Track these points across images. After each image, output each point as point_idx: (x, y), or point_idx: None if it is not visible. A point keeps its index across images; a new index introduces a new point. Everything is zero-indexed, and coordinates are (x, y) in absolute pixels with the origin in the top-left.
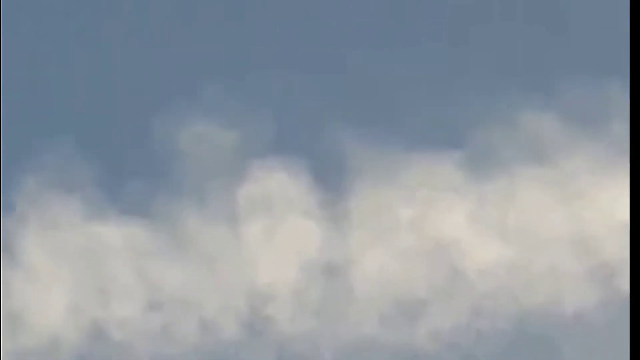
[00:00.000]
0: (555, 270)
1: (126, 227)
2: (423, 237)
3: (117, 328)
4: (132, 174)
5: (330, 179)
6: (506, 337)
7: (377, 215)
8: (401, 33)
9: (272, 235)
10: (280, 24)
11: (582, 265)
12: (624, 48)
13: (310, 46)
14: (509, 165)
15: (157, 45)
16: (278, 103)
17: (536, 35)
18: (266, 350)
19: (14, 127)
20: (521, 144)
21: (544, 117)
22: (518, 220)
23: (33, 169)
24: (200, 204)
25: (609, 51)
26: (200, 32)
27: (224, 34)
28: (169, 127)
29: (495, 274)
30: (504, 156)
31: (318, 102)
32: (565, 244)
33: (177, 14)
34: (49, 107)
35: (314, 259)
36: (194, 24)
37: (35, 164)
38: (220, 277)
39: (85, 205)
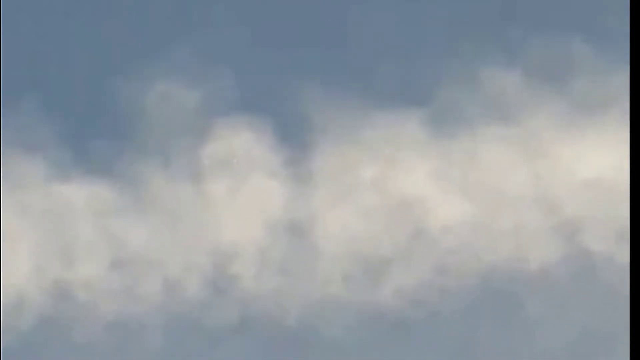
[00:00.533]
0: (518, 227)
1: (90, 187)
2: (387, 196)
3: (81, 288)
4: (96, 134)
5: (294, 137)
6: (470, 294)
7: (340, 174)
8: None
9: (235, 194)
10: None
11: (545, 222)
12: (587, 2)
13: (275, 2)
14: (473, 123)
15: (121, 4)
16: (241, 61)
17: None
18: (231, 309)
19: None
20: (484, 102)
21: (507, 74)
22: (481, 178)
23: None
24: (164, 163)
25: (572, 6)
26: None
27: None
28: (133, 86)
29: (459, 231)
30: (467, 114)
31: (282, 60)
32: (529, 202)
33: None
34: (13, 66)
35: (278, 217)
36: None
37: None
38: (184, 235)
39: (48, 165)
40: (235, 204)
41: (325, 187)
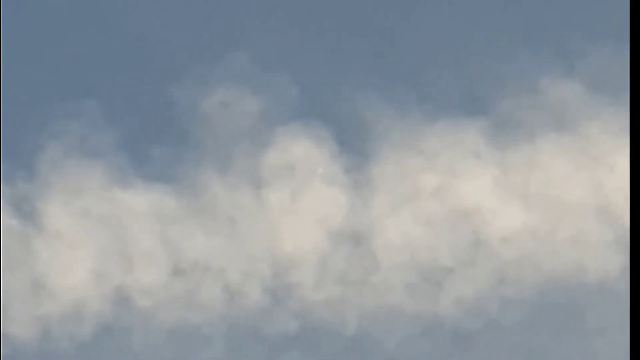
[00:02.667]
0: (578, 237)
1: (150, 193)
2: (446, 205)
3: (141, 295)
4: (156, 140)
5: (354, 145)
6: (530, 305)
7: (400, 182)
8: None
9: (295, 201)
10: None
11: (605, 232)
12: None
13: (333, 9)
14: (533, 132)
15: (180, 10)
16: (301, 68)
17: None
18: (290, 318)
19: (36, 91)
20: (544, 111)
21: (567, 83)
22: (541, 188)
23: (56, 134)
24: (224, 170)
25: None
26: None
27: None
28: (192, 92)
29: (518, 241)
30: (527, 123)
31: (341, 66)
32: (589, 212)
33: None
34: (72, 71)
35: (338, 225)
36: None
37: (58, 129)
38: (244, 243)
39: (108, 171)
40: (295, 211)
41: (384, 195)
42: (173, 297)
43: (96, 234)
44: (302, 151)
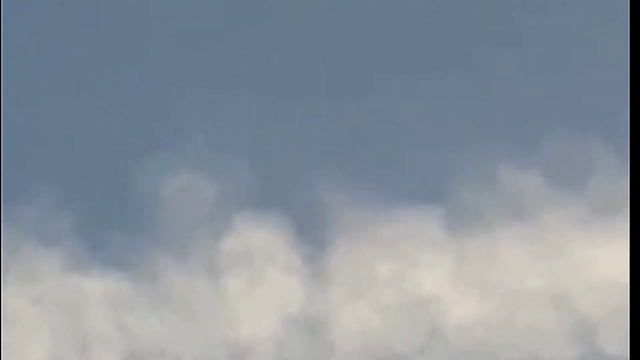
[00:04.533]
0: (534, 327)
1: (107, 279)
2: (403, 293)
3: None
4: (113, 225)
5: (311, 232)
6: None
7: (357, 270)
8: (380, 81)
9: (252, 288)
10: (262, 70)
11: (561, 322)
12: (607, 103)
13: (291, 95)
14: (490, 221)
15: (138, 94)
16: (259, 153)
17: (519, 89)
18: None
19: None
20: (502, 199)
21: (525, 172)
22: (498, 277)
23: (13, 219)
24: (181, 256)
25: (590, 105)
26: (181, 83)
27: (207, 84)
28: (150, 178)
29: (474, 330)
30: (484, 212)
31: (300, 153)
32: (545, 301)
33: (158, 64)
34: (28, 155)
35: (295, 312)
36: (174, 74)
37: (15, 213)
38: (200, 329)
39: (65, 256)
40: (252, 298)
41: (342, 283)
42: None
43: (52, 319)
44: (259, 238)
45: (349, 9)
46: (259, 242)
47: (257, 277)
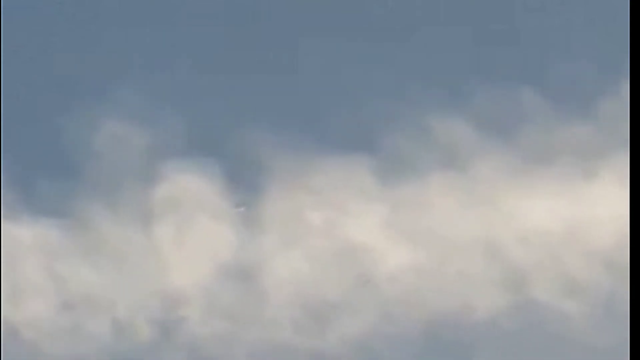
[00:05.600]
0: (465, 276)
1: (39, 227)
2: (335, 241)
3: (28, 327)
4: (45, 174)
5: (243, 181)
6: (416, 342)
7: (289, 219)
8: (316, 36)
9: (184, 237)
10: (195, 24)
11: (493, 270)
12: (539, 55)
13: (227, 45)
14: (421, 170)
15: (68, 45)
16: (191, 103)
17: (451, 41)
18: (178, 351)
19: None
20: (433, 149)
21: (457, 122)
22: (429, 226)
23: None
24: (113, 204)
25: (523, 58)
26: (111, 33)
27: (136, 34)
28: (81, 127)
29: (405, 279)
30: (416, 161)
31: (232, 103)
32: (476, 249)
33: (89, 15)
34: None
35: (226, 261)
36: (104, 25)
37: None
38: (132, 278)
39: None
40: (184, 247)
41: (273, 231)
42: (61, 330)
43: None
44: (191, 187)
45: None
46: (191, 191)
47: (189, 225)
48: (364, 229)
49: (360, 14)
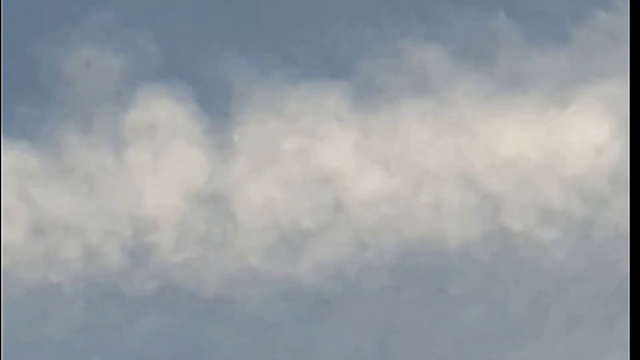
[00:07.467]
0: (439, 204)
1: (10, 151)
2: (307, 168)
3: (2, 253)
4: (17, 98)
5: (216, 106)
6: (390, 271)
7: (262, 145)
8: None
9: (156, 162)
10: None
11: (466, 199)
12: None
13: None
14: (394, 97)
15: None
16: (164, 27)
17: None
18: (149, 278)
19: None
20: (406, 75)
21: (430, 48)
22: (402, 153)
23: None
24: (86, 129)
25: None
26: None
27: None
28: (55, 51)
29: (379, 206)
30: (389, 87)
31: (205, 27)
32: (450, 178)
33: None
34: None
35: (198, 186)
36: None
37: None
38: (104, 203)
39: None
40: (156, 172)
41: (246, 157)
42: (32, 255)
43: None
44: (164, 112)
45: None
46: (163, 116)
47: (161, 150)
48: (337, 155)
49: None
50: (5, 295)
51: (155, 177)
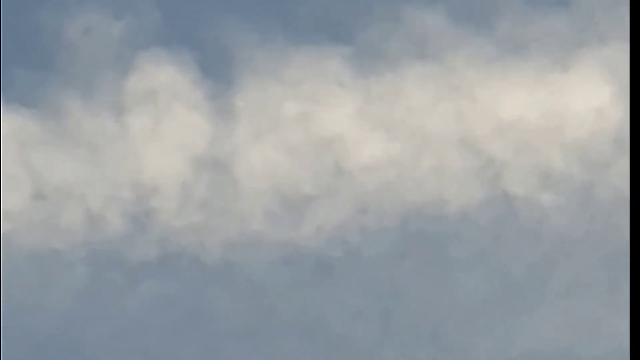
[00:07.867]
0: (440, 168)
1: (11, 117)
2: (309, 133)
3: (2, 219)
4: (18, 64)
5: (217, 71)
6: (392, 235)
7: (263, 110)
8: None
9: (157, 127)
10: None
11: (467, 163)
12: None
13: None
14: (396, 61)
15: None
16: None
17: None
18: (151, 244)
19: None
20: (407, 40)
21: (431, 12)
22: (404, 118)
23: None
24: (87, 94)
25: None
26: None
27: None
28: (55, 17)
29: (380, 171)
30: (390, 52)
31: None
32: (451, 142)
33: None
34: None
35: (200, 152)
36: None
37: None
38: (105, 169)
39: None
40: (157, 137)
41: (247, 122)
42: (34, 221)
43: None
44: (165, 77)
45: None
46: (164, 81)
47: (162, 116)
48: (338, 120)
49: None
50: (6, 260)
51: (156, 143)
